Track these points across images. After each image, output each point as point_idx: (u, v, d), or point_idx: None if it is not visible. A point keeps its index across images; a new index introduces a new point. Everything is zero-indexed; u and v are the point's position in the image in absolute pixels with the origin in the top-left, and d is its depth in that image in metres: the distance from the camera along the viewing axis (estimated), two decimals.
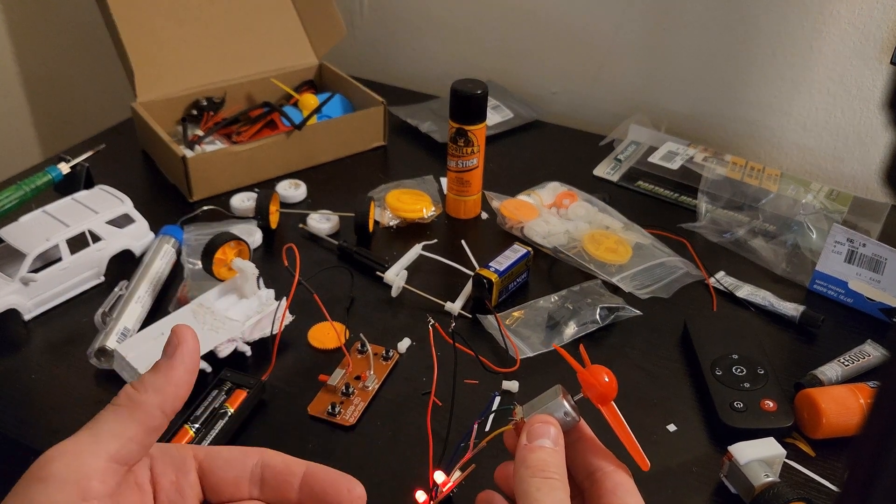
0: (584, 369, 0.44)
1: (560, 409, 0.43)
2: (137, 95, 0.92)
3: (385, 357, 0.65)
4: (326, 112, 0.97)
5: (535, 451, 0.42)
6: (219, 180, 0.87)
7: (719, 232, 0.83)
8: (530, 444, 0.42)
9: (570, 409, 0.43)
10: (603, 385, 0.43)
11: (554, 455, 0.42)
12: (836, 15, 0.90)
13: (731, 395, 0.61)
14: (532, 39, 1.10)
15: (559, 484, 0.41)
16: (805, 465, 0.58)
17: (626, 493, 0.42)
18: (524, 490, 0.41)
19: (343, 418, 0.60)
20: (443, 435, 0.57)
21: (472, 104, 0.79)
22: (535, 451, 0.42)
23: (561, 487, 0.41)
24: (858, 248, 0.72)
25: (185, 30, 0.96)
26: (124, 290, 0.69)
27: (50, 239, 0.69)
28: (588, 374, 0.44)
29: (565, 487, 0.41)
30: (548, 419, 0.43)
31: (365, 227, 0.80)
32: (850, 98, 0.94)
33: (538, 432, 0.43)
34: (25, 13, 1.20)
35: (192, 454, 0.39)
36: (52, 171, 0.79)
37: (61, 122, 1.30)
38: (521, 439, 0.43)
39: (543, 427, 0.43)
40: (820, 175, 0.99)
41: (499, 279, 0.70)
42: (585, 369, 0.44)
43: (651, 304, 0.72)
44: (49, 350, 0.67)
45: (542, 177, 0.90)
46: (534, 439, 0.42)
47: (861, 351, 0.66)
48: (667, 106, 1.05)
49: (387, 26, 1.19)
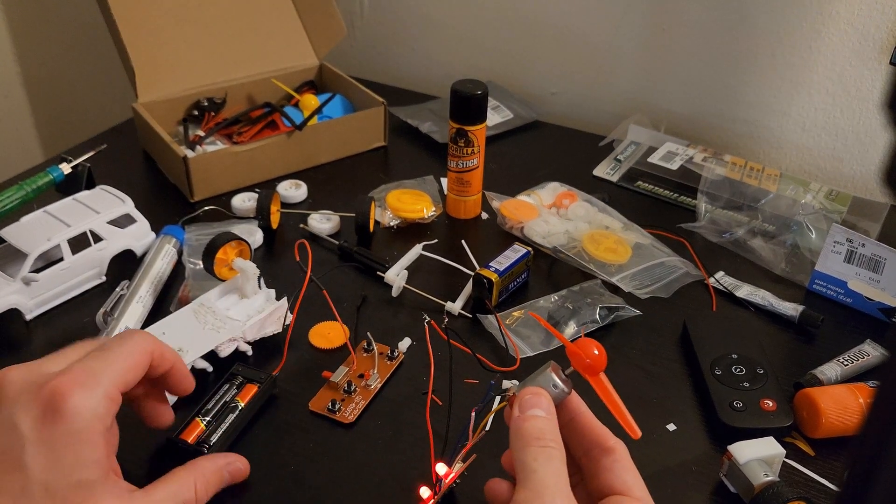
0: (571, 343, 0.45)
1: (549, 382, 0.44)
2: (138, 96, 0.92)
3: (390, 357, 0.65)
4: (327, 112, 0.97)
5: (528, 420, 0.42)
6: (220, 180, 0.87)
7: (719, 232, 0.83)
8: (523, 415, 0.43)
9: (558, 381, 0.44)
10: (591, 357, 0.43)
11: (548, 423, 0.42)
12: (836, 15, 0.90)
13: (731, 394, 0.61)
14: (532, 40, 1.10)
15: (556, 452, 0.41)
16: (804, 464, 0.58)
17: (623, 470, 0.43)
18: (521, 460, 0.41)
19: (342, 415, 0.60)
20: (442, 432, 0.57)
21: (472, 105, 0.79)
22: (529, 421, 0.42)
23: (557, 456, 0.41)
24: (858, 248, 0.72)
25: (186, 30, 0.97)
26: (125, 290, 0.69)
27: (51, 239, 0.69)
28: (574, 346, 0.44)
29: (562, 455, 0.41)
30: (538, 390, 0.44)
31: (365, 228, 0.80)
32: (849, 98, 0.94)
33: (529, 403, 0.43)
34: (26, 13, 1.20)
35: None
36: (54, 171, 0.79)
37: (62, 122, 1.30)
38: (514, 411, 0.43)
39: (534, 398, 0.43)
40: (819, 175, 1.00)
41: (499, 279, 0.70)
42: (573, 343, 0.44)
43: (651, 303, 0.73)
44: (50, 350, 0.66)
45: (542, 177, 0.90)
46: (526, 410, 0.43)
47: (860, 351, 0.66)
48: (666, 106, 1.05)
49: (387, 27, 1.20)
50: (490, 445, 0.50)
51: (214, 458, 0.51)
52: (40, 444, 0.41)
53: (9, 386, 0.43)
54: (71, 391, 0.42)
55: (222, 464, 0.51)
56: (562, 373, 0.45)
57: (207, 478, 0.49)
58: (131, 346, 0.47)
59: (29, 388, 0.42)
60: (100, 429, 0.42)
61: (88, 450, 0.42)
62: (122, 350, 0.46)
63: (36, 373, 0.44)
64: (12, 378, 0.43)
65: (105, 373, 0.44)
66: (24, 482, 0.40)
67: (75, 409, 0.41)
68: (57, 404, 0.41)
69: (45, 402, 0.41)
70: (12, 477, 0.40)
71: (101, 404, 0.43)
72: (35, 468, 0.40)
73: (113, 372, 0.44)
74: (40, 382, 0.42)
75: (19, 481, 0.40)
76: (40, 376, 0.43)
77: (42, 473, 0.40)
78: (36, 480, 0.40)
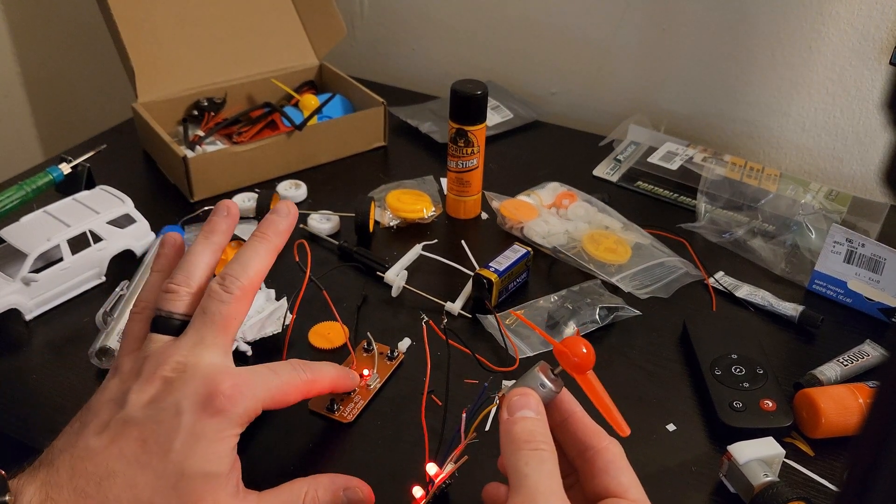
0: (558, 342, 0.44)
1: (536, 381, 0.44)
2: (138, 96, 0.92)
3: (390, 357, 0.65)
4: (327, 112, 0.97)
5: (517, 422, 0.42)
6: (220, 180, 0.87)
7: (718, 232, 0.83)
8: (512, 417, 0.42)
9: (546, 380, 0.44)
10: (578, 355, 0.43)
11: (537, 424, 0.42)
12: (836, 15, 0.90)
13: (731, 394, 0.61)
14: (532, 40, 1.10)
15: (547, 455, 0.41)
16: (804, 464, 0.58)
17: (619, 471, 0.43)
18: (513, 465, 0.41)
19: (341, 415, 0.60)
20: (439, 431, 0.57)
21: (472, 105, 0.79)
22: (518, 423, 0.42)
23: (549, 458, 0.41)
24: (857, 249, 0.72)
25: (186, 30, 0.97)
26: (125, 290, 0.69)
27: (51, 239, 0.69)
28: (561, 345, 0.44)
29: (553, 456, 0.41)
30: (525, 391, 0.44)
31: (365, 228, 0.80)
32: (849, 98, 0.94)
33: (518, 404, 0.43)
34: (26, 13, 1.20)
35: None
36: (54, 171, 0.79)
37: (62, 122, 1.30)
38: (503, 413, 0.43)
39: (522, 399, 0.43)
40: (819, 175, 1.00)
41: (499, 279, 0.70)
42: (561, 342, 0.44)
43: (650, 303, 0.73)
44: (50, 350, 0.67)
45: (542, 177, 0.90)
46: (515, 411, 0.43)
47: (860, 351, 0.66)
48: (666, 106, 1.05)
49: (387, 27, 1.20)
50: (488, 447, 0.50)
51: (335, 478, 0.51)
52: (191, 434, 0.44)
53: (182, 377, 0.46)
54: (231, 394, 0.45)
55: (341, 484, 0.51)
56: (550, 372, 0.44)
57: (321, 495, 0.50)
58: (294, 380, 0.51)
59: (198, 381, 0.45)
60: (238, 431, 0.46)
61: (225, 448, 0.45)
62: (285, 377, 0.50)
63: (205, 367, 0.46)
64: (184, 371, 0.46)
65: (262, 389, 0.47)
66: (166, 464, 0.43)
67: (227, 411, 0.45)
68: (217, 402, 0.44)
69: (207, 397, 0.45)
70: (158, 457, 0.43)
71: (248, 412, 0.46)
72: (179, 453, 0.43)
73: (267, 391, 0.48)
74: (207, 378, 0.45)
75: (162, 463, 0.43)
76: (208, 371, 0.46)
77: (183, 460, 0.43)
78: (176, 465, 0.43)
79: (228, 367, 0.47)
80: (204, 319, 0.48)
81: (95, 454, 0.43)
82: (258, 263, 0.50)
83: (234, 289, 0.48)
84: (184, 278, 0.50)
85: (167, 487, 0.43)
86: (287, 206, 0.54)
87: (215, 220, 0.53)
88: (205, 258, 0.51)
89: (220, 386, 0.45)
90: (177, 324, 0.49)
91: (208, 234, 0.52)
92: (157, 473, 0.43)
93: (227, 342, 0.48)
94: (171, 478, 0.43)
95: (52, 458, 0.44)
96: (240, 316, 0.49)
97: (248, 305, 0.50)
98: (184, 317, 0.49)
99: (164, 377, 0.45)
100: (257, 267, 0.50)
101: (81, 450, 0.44)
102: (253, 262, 0.50)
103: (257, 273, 0.50)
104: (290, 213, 0.54)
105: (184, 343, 0.47)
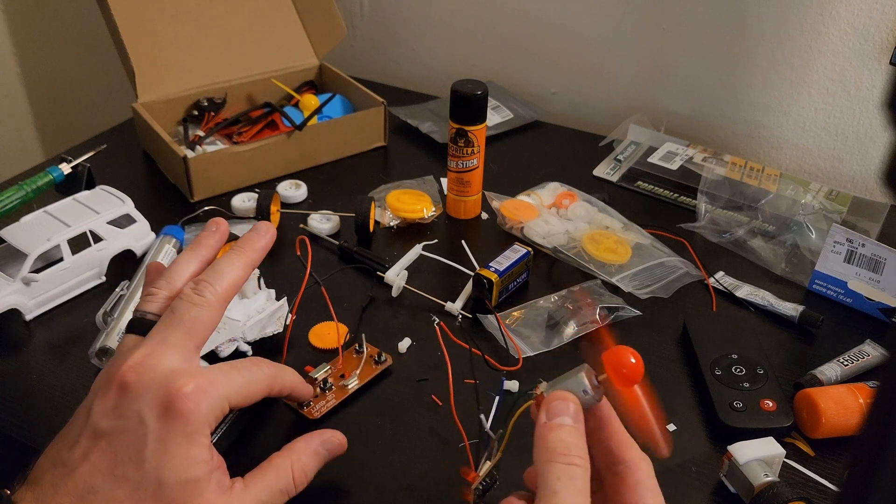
0: (609, 350, 0.41)
1: (580, 387, 0.41)
2: (138, 96, 0.92)
3: (377, 360, 0.65)
4: (327, 112, 0.97)
5: (554, 429, 0.41)
6: (220, 180, 0.87)
7: (719, 232, 0.83)
8: (549, 423, 0.41)
9: (589, 387, 0.41)
10: (628, 366, 0.40)
11: (574, 434, 0.41)
12: (836, 15, 0.90)
13: (731, 394, 0.61)
14: (532, 40, 1.10)
15: (579, 470, 0.40)
16: (804, 464, 0.58)
17: (647, 491, 0.41)
18: (544, 477, 0.39)
19: (309, 411, 0.60)
20: (443, 433, 0.57)
21: (472, 105, 0.79)
22: (555, 430, 0.41)
23: (582, 475, 0.40)
24: (858, 248, 0.72)
25: (186, 30, 0.97)
26: (125, 291, 0.69)
27: (51, 239, 0.69)
28: (612, 353, 0.41)
29: (586, 473, 0.40)
30: (566, 395, 0.42)
31: (365, 228, 0.80)
32: (849, 98, 0.94)
33: (557, 409, 0.41)
34: (26, 13, 1.20)
35: None
36: (54, 171, 0.79)
37: (62, 122, 1.30)
38: (541, 417, 0.42)
39: (562, 404, 0.41)
40: (819, 175, 1.00)
41: (499, 279, 0.70)
42: (609, 350, 0.41)
43: (651, 303, 0.73)
44: (50, 350, 0.67)
45: (542, 177, 0.90)
46: (553, 417, 0.41)
47: (860, 351, 0.66)
48: (666, 106, 1.05)
49: (387, 26, 1.20)
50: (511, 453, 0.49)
51: (309, 439, 0.52)
52: (160, 441, 0.43)
53: (139, 381, 0.45)
54: (193, 395, 0.44)
55: (317, 443, 0.51)
56: (594, 378, 0.42)
57: (304, 462, 0.50)
58: (258, 375, 0.50)
59: (156, 385, 0.44)
60: (207, 431, 0.45)
61: (197, 450, 0.44)
62: (248, 374, 0.49)
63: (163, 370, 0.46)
64: (141, 374, 0.45)
65: (225, 386, 0.47)
66: (142, 475, 0.43)
67: (192, 413, 0.44)
68: (179, 405, 0.43)
69: (168, 401, 0.44)
70: (133, 468, 0.43)
71: (213, 412, 0.45)
72: (152, 462, 0.43)
73: (231, 388, 0.47)
74: (166, 381, 0.44)
75: (138, 474, 0.43)
76: (166, 374, 0.45)
77: (158, 469, 0.43)
78: (152, 475, 0.43)
79: (188, 368, 0.46)
80: (171, 320, 0.47)
81: (73, 470, 0.43)
82: (232, 274, 0.50)
83: (207, 293, 0.48)
84: (164, 283, 0.50)
85: (148, 498, 0.43)
86: (266, 226, 0.54)
87: (204, 234, 0.54)
88: (190, 267, 0.51)
89: (182, 389, 0.44)
90: (148, 323, 0.48)
91: (195, 247, 0.53)
92: (135, 485, 0.43)
93: (192, 346, 0.47)
94: (150, 488, 0.43)
95: (38, 476, 0.44)
96: (209, 322, 0.48)
97: (219, 314, 0.49)
98: (156, 317, 0.49)
99: (121, 382, 0.45)
100: (231, 277, 0.50)
101: (60, 466, 0.44)
102: (227, 271, 0.50)
103: (231, 282, 0.50)
104: (268, 233, 0.54)
105: (147, 343, 0.46)
